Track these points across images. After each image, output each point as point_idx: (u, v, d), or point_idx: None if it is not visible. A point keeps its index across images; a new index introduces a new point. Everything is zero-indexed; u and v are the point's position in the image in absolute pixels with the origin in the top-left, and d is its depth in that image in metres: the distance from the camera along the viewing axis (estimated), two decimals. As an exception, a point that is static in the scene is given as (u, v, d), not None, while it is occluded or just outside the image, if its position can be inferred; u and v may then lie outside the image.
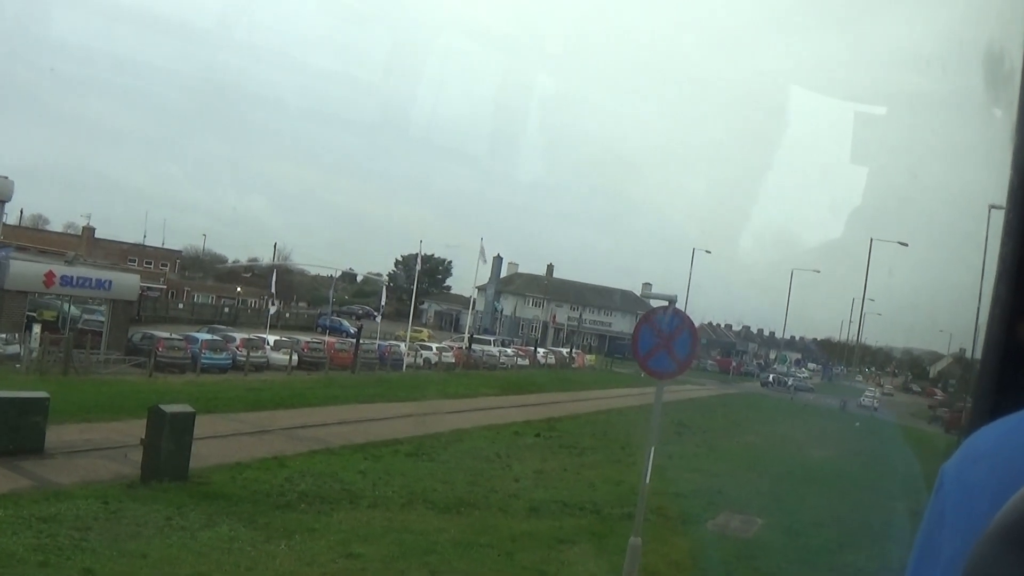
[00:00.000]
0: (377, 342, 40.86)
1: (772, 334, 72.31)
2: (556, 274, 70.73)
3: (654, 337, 10.19)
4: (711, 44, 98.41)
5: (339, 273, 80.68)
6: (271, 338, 36.35)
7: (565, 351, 53.81)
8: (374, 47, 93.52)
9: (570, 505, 16.03)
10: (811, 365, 74.33)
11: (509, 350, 49.51)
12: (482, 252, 46.70)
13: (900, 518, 18.75)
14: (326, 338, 39.20)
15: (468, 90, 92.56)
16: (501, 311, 66.27)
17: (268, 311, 42.14)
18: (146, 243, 60.90)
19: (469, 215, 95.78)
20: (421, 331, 55.35)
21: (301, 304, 71.14)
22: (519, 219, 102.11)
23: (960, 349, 55.04)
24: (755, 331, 76.81)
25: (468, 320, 49.27)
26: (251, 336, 35.92)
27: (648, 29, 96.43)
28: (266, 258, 73.80)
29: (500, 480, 18.00)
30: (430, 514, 14.70)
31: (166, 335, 33.56)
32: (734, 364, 66.34)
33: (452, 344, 46.68)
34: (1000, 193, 1.35)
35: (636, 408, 34.72)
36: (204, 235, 78.14)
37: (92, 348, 32.48)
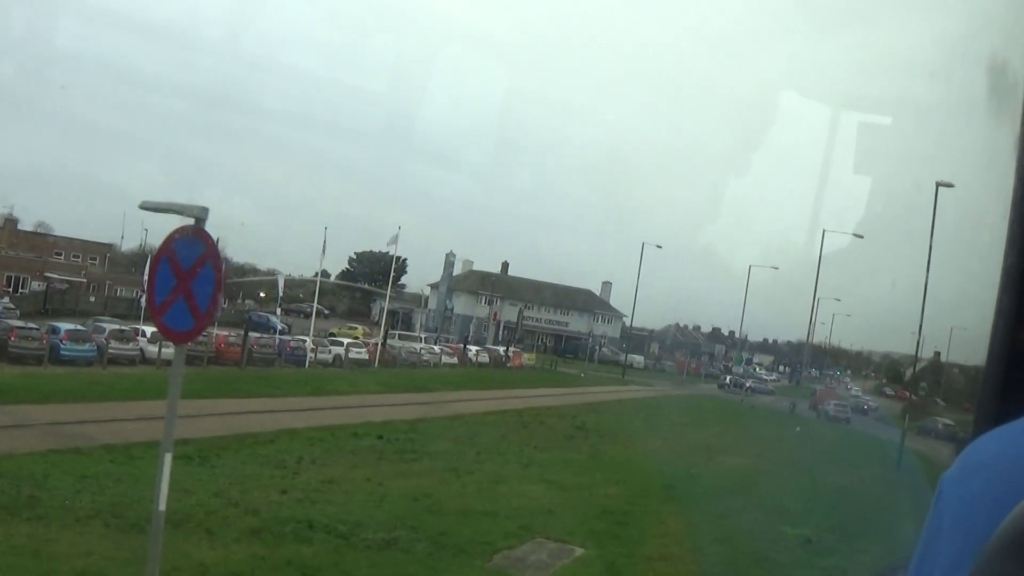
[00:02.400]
0: (277, 337, 37.31)
1: (746, 337, 68.59)
2: (530, 276, 66.92)
3: (172, 277, 6.56)
4: (711, 50, 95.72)
5: (313, 273, 77.98)
6: (148, 330, 32.66)
7: (501, 349, 50.01)
8: (370, 53, 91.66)
9: (317, 526, 12.30)
10: (781, 368, 70.65)
11: (436, 347, 45.74)
12: (395, 240, 43.34)
13: (779, 551, 14.87)
14: (215, 331, 35.52)
15: (457, 95, 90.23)
16: (452, 309, 62.52)
17: (140, 301, 38.32)
18: (75, 237, 57.76)
19: (447, 218, 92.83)
20: (356, 328, 51.79)
21: (248, 301, 68.36)
22: (505, 224, 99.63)
23: (935, 353, 51.92)
24: (727, 333, 73.07)
25: (401, 318, 45.53)
26: (122, 327, 32.36)
27: (651, 36, 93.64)
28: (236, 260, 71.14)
29: (262, 491, 14.29)
30: (101, 532, 11.08)
31: (20, 324, 30.21)
32: (692, 365, 62.53)
33: (367, 340, 43.00)
34: (1003, 203, 1.35)
35: (543, 409, 30.95)
36: (146, 230, 75.27)
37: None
